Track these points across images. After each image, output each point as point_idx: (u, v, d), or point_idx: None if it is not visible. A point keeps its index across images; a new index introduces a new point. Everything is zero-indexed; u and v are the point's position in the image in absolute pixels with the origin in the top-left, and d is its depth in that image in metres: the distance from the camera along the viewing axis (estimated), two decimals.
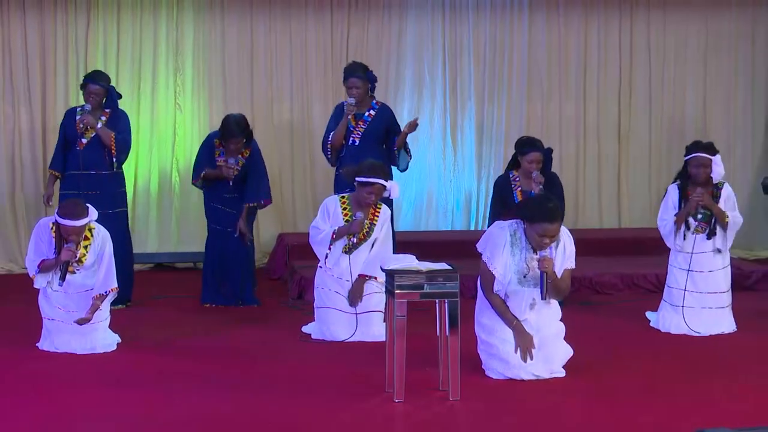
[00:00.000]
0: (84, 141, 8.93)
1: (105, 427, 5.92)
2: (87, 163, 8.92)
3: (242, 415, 6.05)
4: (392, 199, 9.11)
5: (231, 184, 9.06)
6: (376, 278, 7.92)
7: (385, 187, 7.96)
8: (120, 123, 9.01)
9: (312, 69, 11.37)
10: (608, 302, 9.42)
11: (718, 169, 8.15)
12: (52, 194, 9.20)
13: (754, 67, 12.01)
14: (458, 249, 8.77)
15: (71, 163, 8.99)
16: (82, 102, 9.16)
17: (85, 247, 7.52)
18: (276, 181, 11.30)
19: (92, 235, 7.55)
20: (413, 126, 9.11)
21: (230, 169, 9.00)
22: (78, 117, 8.96)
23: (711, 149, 8.22)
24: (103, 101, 9.00)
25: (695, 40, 11.93)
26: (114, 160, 8.97)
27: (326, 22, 11.35)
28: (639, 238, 10.89)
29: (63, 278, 7.43)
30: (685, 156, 8.31)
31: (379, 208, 8.06)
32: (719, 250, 8.20)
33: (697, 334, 8.08)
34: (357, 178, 7.96)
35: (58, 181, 9.12)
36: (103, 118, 8.96)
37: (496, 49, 11.64)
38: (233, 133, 8.96)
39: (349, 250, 8.02)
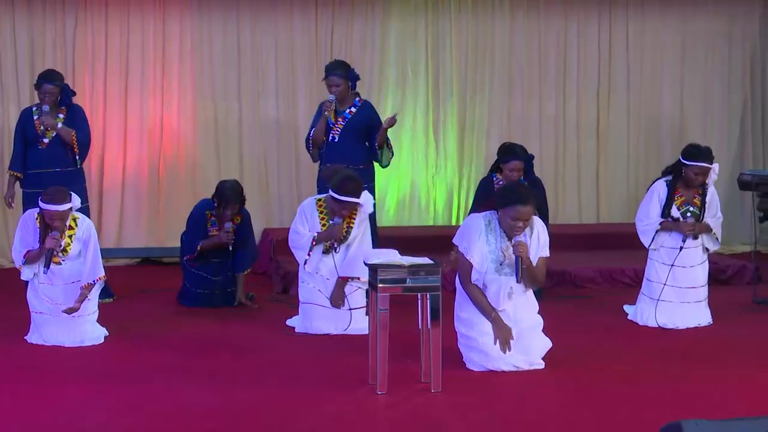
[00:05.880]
0: (45, 141, 8.92)
1: (92, 419, 5.93)
2: (51, 161, 8.91)
3: (227, 407, 6.07)
4: (373, 186, 9.21)
5: (230, 248, 8.91)
6: (358, 278, 7.94)
7: (358, 203, 7.97)
8: (78, 119, 8.98)
9: (298, 66, 11.40)
10: (587, 296, 9.47)
11: (715, 176, 8.24)
12: (14, 194, 9.13)
13: (730, 66, 12.09)
14: (440, 244, 8.72)
15: (34, 162, 8.94)
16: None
17: (70, 237, 7.54)
18: (262, 177, 11.41)
19: (76, 225, 7.57)
20: (391, 122, 9.04)
21: (228, 233, 8.82)
22: (35, 117, 8.96)
23: (711, 157, 8.20)
24: (58, 99, 8.96)
25: (672, 38, 11.99)
26: (77, 157, 8.97)
27: (311, 20, 11.39)
28: (617, 233, 10.89)
29: (47, 266, 7.42)
30: (684, 158, 8.21)
31: (356, 211, 8.05)
32: (707, 249, 8.30)
33: (674, 327, 8.14)
34: (331, 194, 7.94)
35: (18, 181, 9.05)
36: (61, 116, 8.95)
37: (477, 47, 11.70)
38: (231, 199, 8.83)
39: (327, 250, 8.04)
